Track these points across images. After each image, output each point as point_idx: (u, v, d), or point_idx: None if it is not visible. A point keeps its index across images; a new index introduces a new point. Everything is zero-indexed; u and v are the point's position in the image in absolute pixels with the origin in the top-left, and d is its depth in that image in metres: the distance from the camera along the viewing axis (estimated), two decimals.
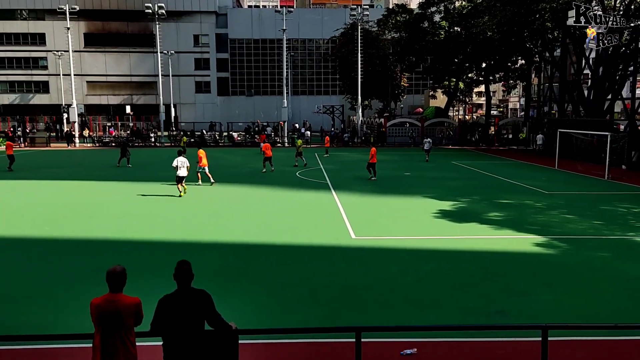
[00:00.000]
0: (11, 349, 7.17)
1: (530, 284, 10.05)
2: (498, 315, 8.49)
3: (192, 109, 77.67)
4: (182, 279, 4.86)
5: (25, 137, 50.18)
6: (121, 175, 26.13)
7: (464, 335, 7.66)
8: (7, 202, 18.89)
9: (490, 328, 7.89)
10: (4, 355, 7.04)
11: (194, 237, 13.55)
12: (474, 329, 7.85)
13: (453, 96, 59.63)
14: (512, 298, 9.35)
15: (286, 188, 22.14)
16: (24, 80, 76.66)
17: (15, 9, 76.04)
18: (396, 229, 14.59)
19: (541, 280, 10.31)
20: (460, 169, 29.86)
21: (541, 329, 5.41)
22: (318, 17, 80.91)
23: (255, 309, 8.79)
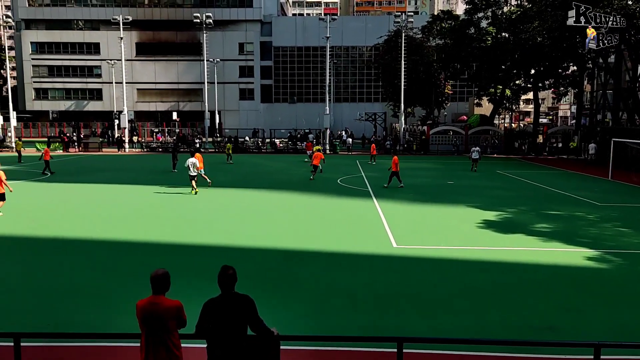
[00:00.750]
0: (62, 346, 7.41)
1: (582, 299, 9.66)
2: (547, 331, 8.19)
3: (236, 116, 78.95)
4: (226, 283, 4.91)
5: (80, 142, 52.20)
6: (167, 180, 26.78)
7: (510, 350, 7.41)
8: (59, 203, 19.64)
9: (538, 344, 7.61)
10: (55, 351, 7.28)
11: (236, 242, 13.70)
12: (521, 344, 7.60)
13: (499, 104, 58.38)
14: (562, 313, 9.00)
15: (327, 195, 22.14)
16: (79, 88, 79.88)
17: (72, 20, 79.47)
18: (438, 238, 14.33)
19: (593, 295, 9.89)
20: (505, 179, 29.14)
21: (593, 347, 5.17)
22: (362, 24, 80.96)
23: (296, 315, 8.79)
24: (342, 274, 11.07)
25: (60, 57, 78.88)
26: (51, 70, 79.43)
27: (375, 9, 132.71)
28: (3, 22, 52.89)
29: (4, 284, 10.29)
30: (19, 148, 37.74)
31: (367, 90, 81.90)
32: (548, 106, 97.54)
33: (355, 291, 10.00)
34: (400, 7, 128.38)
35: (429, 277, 10.94)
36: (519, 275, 11.08)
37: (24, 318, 8.55)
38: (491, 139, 49.92)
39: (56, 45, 78.90)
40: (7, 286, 10.16)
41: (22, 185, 24.75)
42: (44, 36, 78.81)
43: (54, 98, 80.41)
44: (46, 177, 27.88)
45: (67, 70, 79.38)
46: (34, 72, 79.13)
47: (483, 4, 51.65)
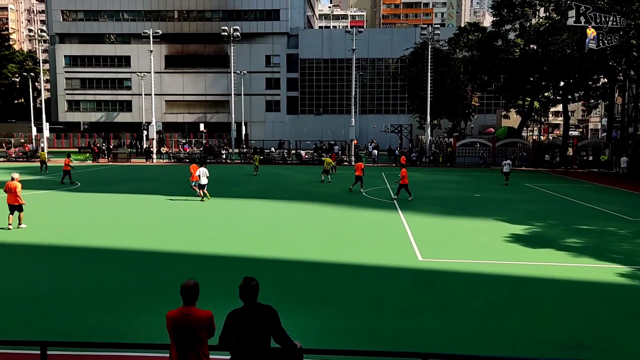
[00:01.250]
0: (90, 355, 7.52)
1: (614, 317, 9.38)
2: (578, 349, 7.97)
3: (262, 127, 79.65)
4: (249, 295, 4.92)
5: (109, 153, 53.30)
6: (192, 191, 27.08)
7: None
8: (87, 213, 20.03)
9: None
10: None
11: (261, 253, 13.74)
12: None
13: (527, 116, 57.58)
14: (593, 331, 8.76)
15: (352, 206, 22.09)
16: (109, 100, 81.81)
17: (105, 34, 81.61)
18: (465, 252, 14.14)
19: (626, 313, 9.60)
20: (534, 192, 28.63)
21: None
22: (388, 37, 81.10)
23: (321, 328, 8.75)
24: (367, 287, 11.00)
25: (92, 69, 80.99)
26: (83, 83, 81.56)
27: (402, 21, 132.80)
28: (38, 37, 54.56)
29: (32, 292, 10.51)
30: (43, 158, 38.32)
31: (393, 102, 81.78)
32: (578, 118, 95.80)
33: (381, 304, 9.92)
34: (427, 20, 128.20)
35: (455, 291, 10.78)
36: (548, 291, 10.83)
37: (51, 326, 8.70)
38: (519, 152, 49.20)
39: (88, 59, 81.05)
40: (34, 295, 10.37)
41: (52, 195, 25.35)
42: (77, 50, 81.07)
43: (86, 110, 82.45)
44: (75, 186, 28.49)
45: (99, 82, 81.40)
46: (66, 85, 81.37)
47: (510, 16, 51.21)
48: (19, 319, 9.01)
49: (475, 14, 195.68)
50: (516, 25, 51.91)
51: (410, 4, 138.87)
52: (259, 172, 36.50)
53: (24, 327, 8.66)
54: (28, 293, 10.37)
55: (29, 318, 9.04)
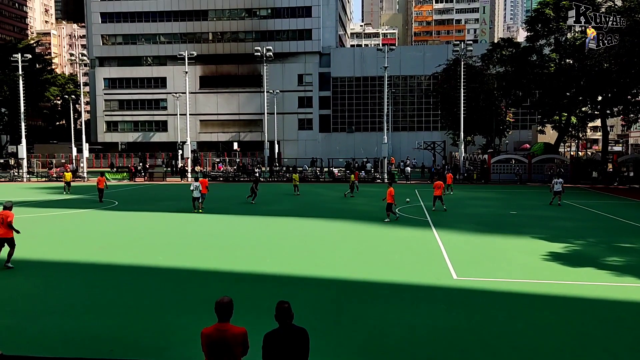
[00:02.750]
0: None
1: None
2: None
3: (295, 145, 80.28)
4: (282, 318, 5.06)
5: (145, 172, 54.56)
6: (228, 209, 27.43)
7: None
8: (125, 231, 20.49)
9: None
10: None
11: (295, 271, 13.77)
12: None
13: (564, 131, 56.38)
14: (636, 354, 8.43)
15: (386, 225, 21.94)
16: (146, 120, 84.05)
17: (142, 56, 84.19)
18: (502, 270, 13.84)
19: None
20: (573, 209, 27.90)
21: None
22: (420, 54, 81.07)
23: (355, 350, 8.68)
24: (401, 306, 10.87)
25: (130, 91, 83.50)
26: (121, 104, 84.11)
27: (434, 38, 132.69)
28: (79, 60, 56.66)
29: (72, 309, 10.77)
30: (68, 179, 37.01)
31: (425, 119, 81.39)
32: (617, 133, 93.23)
33: (415, 324, 9.78)
34: (459, 36, 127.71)
35: (492, 311, 10.55)
36: (589, 312, 10.50)
37: (90, 343, 8.89)
38: (556, 168, 48.12)
39: (126, 81, 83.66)
40: (75, 311, 10.63)
41: (91, 214, 26.05)
42: (115, 72, 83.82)
43: (123, 130, 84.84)
44: (113, 205, 29.22)
45: (136, 103, 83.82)
46: (105, 106, 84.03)
47: (545, 30, 50.59)
48: (61, 335, 9.24)
49: (509, 30, 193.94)
50: (551, 40, 51.20)
51: (442, 20, 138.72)
52: (299, 192, 35.28)
53: (65, 344, 8.87)
54: (69, 309, 10.64)
55: (69, 334, 9.27)
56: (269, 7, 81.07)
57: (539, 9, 50.29)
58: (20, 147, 53.12)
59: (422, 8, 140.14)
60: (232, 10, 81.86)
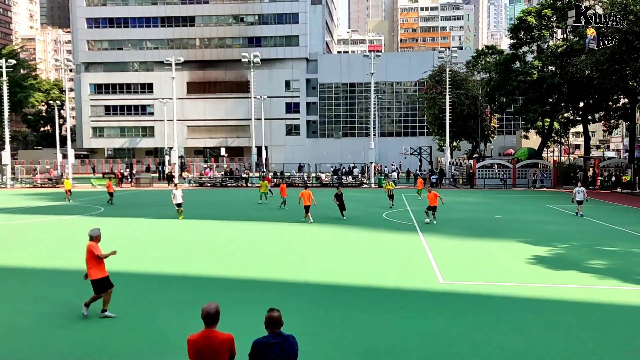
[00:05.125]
0: None
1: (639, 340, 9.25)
2: None
3: (282, 151, 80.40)
4: (272, 326, 5.14)
5: (132, 178, 54.24)
6: (218, 214, 27.43)
7: None
8: (113, 238, 20.40)
9: None
10: None
11: (280, 276, 13.84)
12: None
13: (547, 137, 57.23)
14: (618, 355, 8.65)
15: (372, 229, 22.12)
16: (133, 126, 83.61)
17: (128, 62, 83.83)
18: (487, 274, 14.06)
19: None
20: (556, 213, 28.33)
21: None
22: (406, 60, 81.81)
23: (344, 352, 8.79)
24: (388, 310, 11.01)
25: (116, 97, 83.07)
26: (107, 110, 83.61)
27: (419, 45, 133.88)
28: (64, 66, 56.29)
29: (58, 316, 10.73)
30: (68, 187, 35.62)
31: (412, 124, 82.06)
32: (599, 139, 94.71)
33: (403, 328, 9.92)
34: (444, 43, 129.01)
35: (479, 315, 10.73)
36: (573, 314, 10.72)
37: (75, 351, 8.90)
38: (540, 173, 48.80)
39: (113, 86, 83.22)
40: (60, 318, 10.59)
41: (77, 220, 25.87)
42: (101, 78, 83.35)
43: (109, 136, 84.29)
44: (99, 211, 29.07)
45: (122, 109, 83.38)
46: (91, 112, 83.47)
47: (528, 38, 51.39)
48: (45, 345, 9.23)
49: (493, 37, 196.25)
50: (533, 47, 52.01)
51: (428, 27, 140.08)
52: (267, 202, 33.56)
53: (50, 353, 8.87)
54: (55, 318, 10.63)
55: (53, 343, 9.26)
56: (256, 13, 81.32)
57: (522, 17, 51.12)
58: (4, 153, 52.58)
59: (408, 15, 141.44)
60: (219, 16, 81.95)
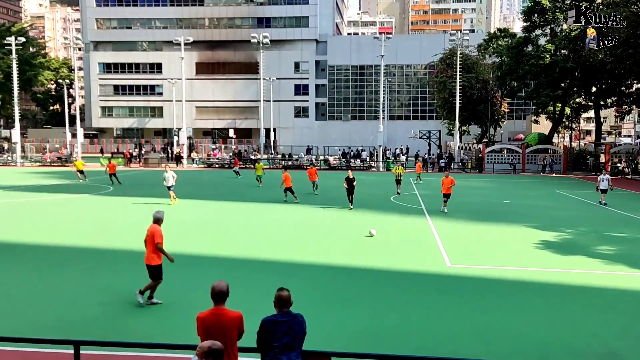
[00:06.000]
0: (121, 355, 7.76)
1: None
2: (609, 357, 7.87)
3: (291, 133, 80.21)
4: (281, 305, 5.18)
5: (141, 158, 54.42)
6: (227, 195, 27.49)
7: None
8: (120, 216, 20.53)
9: None
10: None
11: (290, 257, 13.89)
12: None
13: (558, 122, 56.63)
14: (625, 339, 8.62)
15: (380, 212, 22.09)
16: (141, 106, 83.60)
17: (137, 41, 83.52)
18: (494, 258, 14.02)
19: None
20: (565, 198, 28.14)
21: None
22: (416, 43, 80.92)
23: (350, 332, 8.82)
24: (395, 293, 11.02)
25: (125, 76, 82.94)
26: (116, 89, 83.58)
27: (430, 27, 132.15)
28: (73, 44, 56.20)
29: (68, 293, 10.87)
30: (79, 167, 34.78)
31: (421, 108, 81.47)
32: (610, 125, 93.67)
33: (409, 310, 9.94)
34: (456, 26, 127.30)
35: (485, 298, 10.72)
36: (580, 299, 10.69)
37: (87, 327, 9.00)
38: (549, 158, 48.42)
39: (121, 66, 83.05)
40: (70, 297, 10.73)
41: (84, 199, 26.03)
42: (110, 57, 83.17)
43: (118, 116, 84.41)
44: (108, 190, 29.23)
45: (131, 89, 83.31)
46: (100, 91, 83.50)
47: (541, 21, 50.58)
48: (54, 321, 9.35)
49: (505, 20, 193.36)
50: (547, 30, 51.20)
51: (439, 10, 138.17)
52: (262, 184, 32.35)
53: (60, 327, 8.98)
54: (66, 294, 10.75)
55: (63, 319, 9.37)
56: None
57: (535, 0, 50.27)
58: (14, 132, 52.87)
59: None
60: None
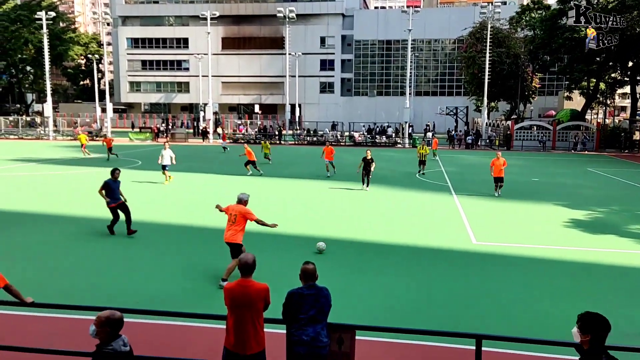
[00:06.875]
0: (145, 322, 7.97)
1: None
2: (637, 338, 7.74)
3: (316, 109, 79.86)
4: (307, 278, 5.25)
5: (168, 133, 55.04)
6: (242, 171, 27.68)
7: None
8: (146, 190, 20.87)
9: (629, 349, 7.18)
10: (143, 327, 7.84)
11: (317, 232, 13.95)
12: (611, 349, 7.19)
13: (592, 98, 54.97)
14: None
15: (406, 189, 21.98)
16: (168, 82, 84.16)
17: (164, 16, 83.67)
18: (522, 236, 13.84)
19: None
20: (597, 177, 27.50)
21: None
22: (445, 16, 79.07)
23: (374, 307, 8.87)
24: (419, 268, 11.01)
25: (152, 51, 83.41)
26: (144, 65, 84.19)
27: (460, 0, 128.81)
28: (102, 19, 56.64)
29: (102, 264, 11.14)
30: (83, 142, 34.81)
31: (449, 84, 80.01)
32: None
33: (433, 286, 9.93)
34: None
35: (511, 276, 10.62)
36: (608, 279, 10.50)
37: (115, 295, 9.24)
38: (582, 135, 47.24)
39: (149, 41, 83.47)
40: (103, 267, 11.00)
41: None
42: (138, 32, 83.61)
43: (146, 91, 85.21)
44: (137, 164, 29.68)
45: (158, 64, 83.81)
46: (128, 67, 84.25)
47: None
48: (87, 288, 9.61)
49: None
50: (582, 2, 49.40)
51: None
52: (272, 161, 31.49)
53: (91, 295, 9.23)
54: (96, 264, 11.04)
55: (96, 287, 9.64)
56: None
57: None
58: (46, 106, 53.88)
59: None
60: None
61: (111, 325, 4.19)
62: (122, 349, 4.13)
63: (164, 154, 22.31)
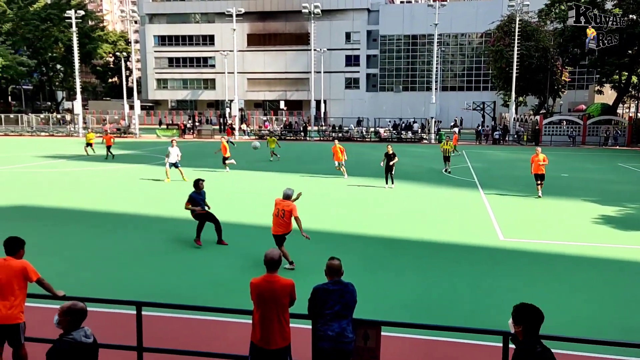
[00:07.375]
0: (178, 317, 8.12)
1: None
2: None
3: (341, 105, 79.73)
4: (332, 274, 5.28)
5: (194, 129, 55.70)
6: (276, 167, 27.84)
7: (625, 354, 6.96)
8: (174, 186, 21.18)
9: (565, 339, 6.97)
10: (173, 322, 7.99)
11: (339, 228, 13.99)
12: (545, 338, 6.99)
13: (624, 92, 53.56)
14: None
15: (432, 184, 21.83)
16: (194, 78, 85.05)
17: (190, 13, 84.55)
18: (550, 232, 13.63)
19: None
20: (628, 172, 26.84)
21: None
22: (472, 10, 77.95)
23: (400, 302, 8.87)
24: (445, 264, 10.95)
25: (179, 49, 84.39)
26: (170, 62, 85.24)
27: None
28: (130, 17, 57.53)
29: (121, 257, 11.40)
30: (89, 140, 34.29)
31: (475, 78, 78.95)
32: None
33: (459, 282, 9.87)
34: None
35: (538, 272, 10.48)
36: (638, 275, 10.28)
37: (144, 290, 9.44)
38: (613, 130, 46.13)
39: (175, 38, 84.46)
40: (125, 261, 11.24)
41: (143, 168, 26.91)
42: (165, 30, 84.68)
43: (173, 88, 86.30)
44: (164, 160, 30.07)
45: (185, 61, 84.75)
46: (155, 64, 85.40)
47: None
48: (112, 281, 9.86)
49: None
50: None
51: None
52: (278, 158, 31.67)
53: (115, 289, 9.46)
54: (117, 257, 11.29)
55: (119, 281, 9.86)
56: None
57: None
58: (76, 103, 55.05)
59: None
60: None
61: (72, 314, 4.28)
62: (82, 339, 4.22)
63: (171, 151, 21.87)
